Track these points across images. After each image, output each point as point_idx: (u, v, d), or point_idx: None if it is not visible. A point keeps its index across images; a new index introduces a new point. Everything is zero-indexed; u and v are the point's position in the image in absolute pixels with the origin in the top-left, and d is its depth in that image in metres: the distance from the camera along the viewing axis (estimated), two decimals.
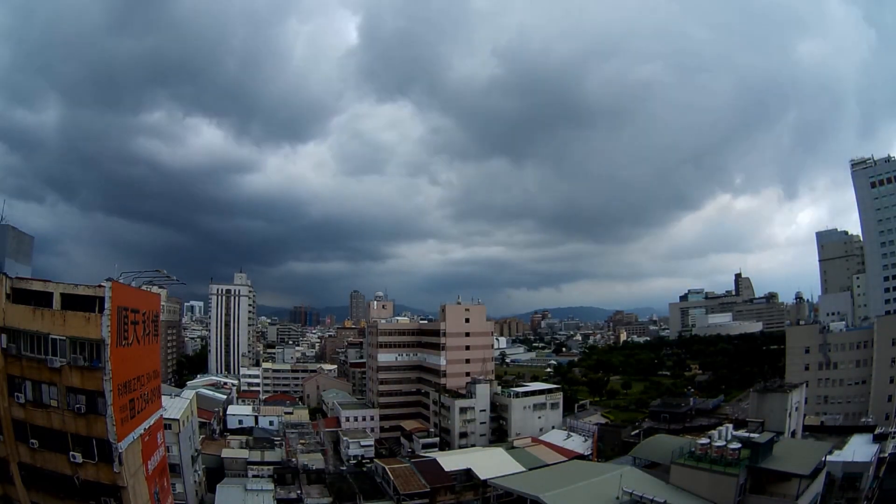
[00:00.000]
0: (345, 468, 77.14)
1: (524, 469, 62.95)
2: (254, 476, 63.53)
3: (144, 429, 35.51)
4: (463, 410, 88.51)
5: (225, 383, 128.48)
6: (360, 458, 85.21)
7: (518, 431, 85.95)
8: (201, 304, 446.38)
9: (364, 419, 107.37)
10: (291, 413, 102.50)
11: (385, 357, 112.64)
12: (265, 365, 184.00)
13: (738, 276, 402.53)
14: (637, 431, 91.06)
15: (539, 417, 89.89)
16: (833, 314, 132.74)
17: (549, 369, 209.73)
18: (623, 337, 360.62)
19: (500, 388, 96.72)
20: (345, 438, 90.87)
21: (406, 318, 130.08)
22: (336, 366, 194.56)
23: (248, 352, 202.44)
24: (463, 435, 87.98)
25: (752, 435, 47.74)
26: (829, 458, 50.29)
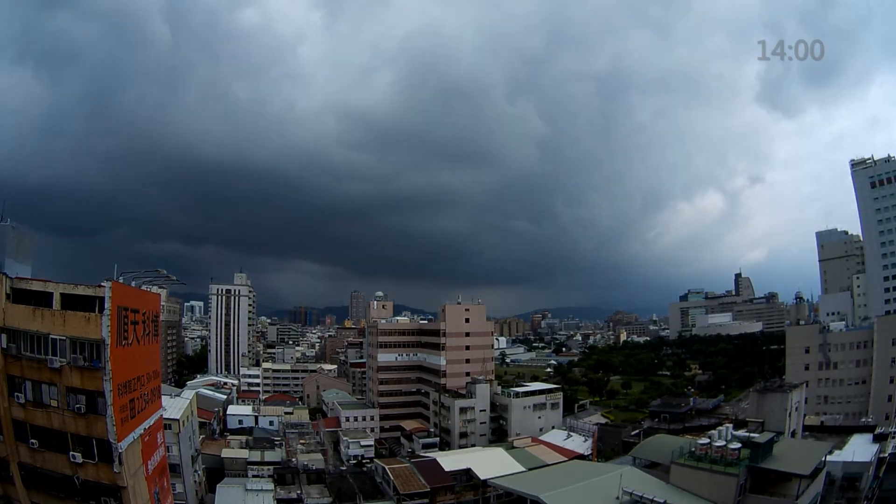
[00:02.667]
0: (345, 468, 77.00)
1: (524, 469, 62.75)
2: (254, 476, 63.36)
3: (144, 429, 35.46)
4: (463, 410, 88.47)
5: (225, 383, 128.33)
6: (360, 458, 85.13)
7: (518, 431, 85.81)
8: (201, 304, 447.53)
9: (364, 419, 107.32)
10: (291, 413, 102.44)
11: (385, 357, 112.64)
12: (265, 365, 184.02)
13: (737, 276, 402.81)
14: (637, 431, 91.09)
15: (539, 417, 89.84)
16: (833, 314, 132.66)
17: (549, 369, 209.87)
18: (623, 337, 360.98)
19: (500, 388, 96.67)
20: (345, 438, 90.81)
21: (406, 318, 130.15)
22: (336, 366, 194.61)
23: (248, 352, 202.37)
24: (463, 435, 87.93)
25: (752, 435, 47.65)
26: (829, 458, 50.25)
